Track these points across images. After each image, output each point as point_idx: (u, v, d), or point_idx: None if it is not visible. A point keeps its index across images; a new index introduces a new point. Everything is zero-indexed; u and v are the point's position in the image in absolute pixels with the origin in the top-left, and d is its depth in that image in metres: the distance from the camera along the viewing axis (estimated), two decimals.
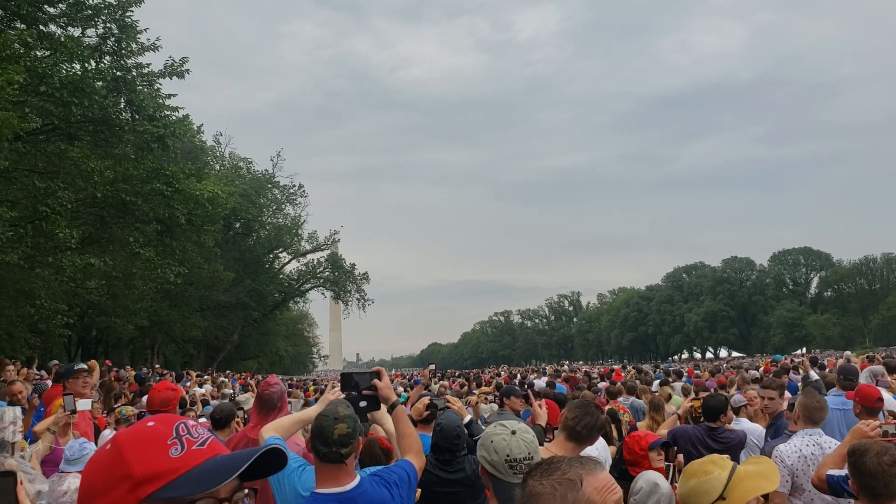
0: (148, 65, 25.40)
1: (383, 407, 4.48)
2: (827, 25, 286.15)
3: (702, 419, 7.55)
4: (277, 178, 65.55)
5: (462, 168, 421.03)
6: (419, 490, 4.58)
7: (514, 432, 3.18)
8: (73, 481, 5.31)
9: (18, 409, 6.67)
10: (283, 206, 67.16)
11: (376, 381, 4.34)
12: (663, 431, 7.85)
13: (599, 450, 6.63)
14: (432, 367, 25.47)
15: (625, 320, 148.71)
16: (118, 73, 23.45)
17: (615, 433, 9.63)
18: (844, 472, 4.65)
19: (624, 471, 5.51)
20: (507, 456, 3.09)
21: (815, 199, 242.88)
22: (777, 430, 7.35)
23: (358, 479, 3.69)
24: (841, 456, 4.95)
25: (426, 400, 6.91)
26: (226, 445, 5.51)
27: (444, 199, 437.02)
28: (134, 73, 24.48)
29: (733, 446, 7.00)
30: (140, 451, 1.50)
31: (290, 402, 7.08)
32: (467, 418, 7.35)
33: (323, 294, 75.50)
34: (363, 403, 4.30)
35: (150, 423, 1.55)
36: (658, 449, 5.44)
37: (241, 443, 5.74)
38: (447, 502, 5.53)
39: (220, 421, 7.91)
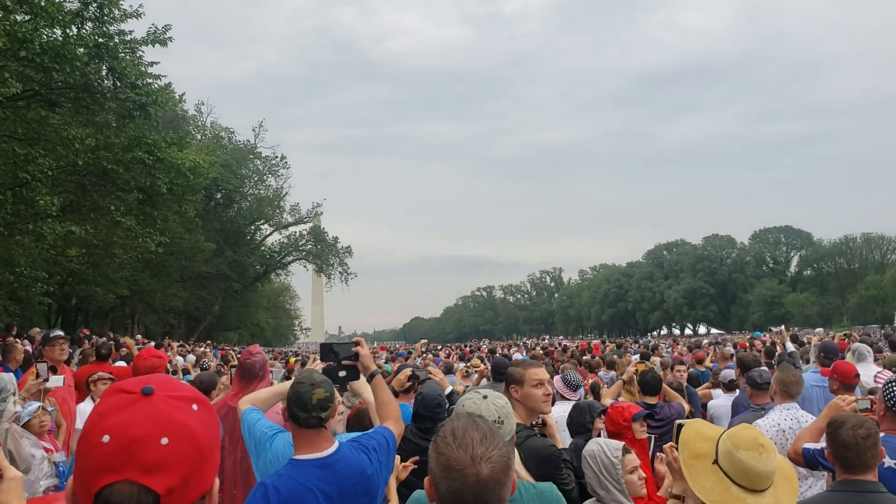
0: (130, 32, 25.11)
1: (362, 377, 4.49)
2: (813, 3, 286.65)
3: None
4: (259, 148, 65.15)
5: (446, 142, 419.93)
6: (398, 457, 4.61)
7: (485, 397, 3.22)
8: None
9: (13, 376, 6.67)
10: (265, 177, 66.85)
11: (358, 349, 4.35)
12: (607, 401, 7.84)
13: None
14: (424, 341, 25.85)
15: (605, 296, 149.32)
16: (100, 40, 23.10)
17: None
18: (820, 445, 4.74)
19: None
20: None
21: (798, 177, 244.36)
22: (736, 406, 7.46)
23: (337, 444, 3.70)
24: (818, 430, 5.03)
25: (408, 371, 6.97)
26: None
27: (428, 173, 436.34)
28: (116, 41, 24.11)
29: (670, 421, 7.03)
30: (214, 415, 1.60)
31: (271, 371, 7.09)
32: (448, 389, 7.42)
33: (305, 267, 75.46)
34: (343, 373, 4.30)
35: None
36: (641, 420, 5.51)
37: (221, 410, 5.75)
38: (427, 470, 5.54)
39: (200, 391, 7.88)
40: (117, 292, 38.38)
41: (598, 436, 5.47)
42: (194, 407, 1.48)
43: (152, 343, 27.69)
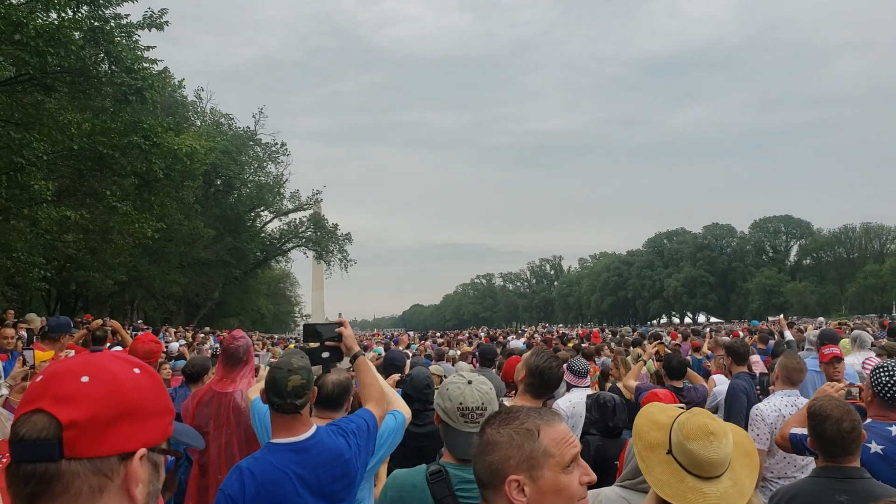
0: (126, 16, 25.00)
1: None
2: None
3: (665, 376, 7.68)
4: (259, 135, 64.83)
5: (446, 130, 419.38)
6: None
7: (469, 382, 3.18)
8: None
9: None
10: (265, 164, 66.40)
11: (341, 329, 4.30)
12: (631, 382, 7.90)
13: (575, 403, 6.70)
14: (405, 333, 26.43)
15: (605, 284, 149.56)
16: (96, 24, 23.01)
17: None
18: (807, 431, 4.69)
19: (613, 429, 5.58)
20: (461, 404, 3.10)
21: (798, 166, 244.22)
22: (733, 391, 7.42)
23: (314, 428, 3.70)
24: (805, 415, 4.98)
25: (396, 376, 7.03)
26: (192, 398, 5.44)
27: (429, 161, 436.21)
28: (112, 24, 24.04)
29: (696, 405, 7.03)
30: (164, 390, 1.52)
31: (258, 356, 7.04)
32: None
33: (305, 254, 75.26)
34: (326, 354, 4.26)
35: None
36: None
37: (206, 396, 5.70)
38: (415, 455, 5.54)
39: (192, 375, 7.90)
40: (116, 278, 38.37)
41: None
42: (136, 371, 1.46)
43: (150, 328, 27.55)
